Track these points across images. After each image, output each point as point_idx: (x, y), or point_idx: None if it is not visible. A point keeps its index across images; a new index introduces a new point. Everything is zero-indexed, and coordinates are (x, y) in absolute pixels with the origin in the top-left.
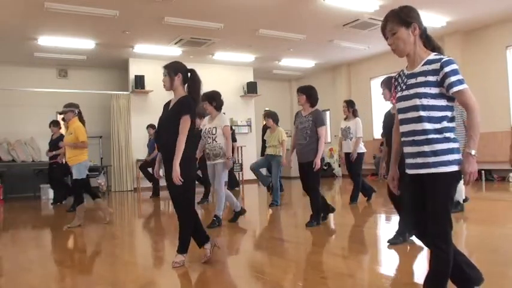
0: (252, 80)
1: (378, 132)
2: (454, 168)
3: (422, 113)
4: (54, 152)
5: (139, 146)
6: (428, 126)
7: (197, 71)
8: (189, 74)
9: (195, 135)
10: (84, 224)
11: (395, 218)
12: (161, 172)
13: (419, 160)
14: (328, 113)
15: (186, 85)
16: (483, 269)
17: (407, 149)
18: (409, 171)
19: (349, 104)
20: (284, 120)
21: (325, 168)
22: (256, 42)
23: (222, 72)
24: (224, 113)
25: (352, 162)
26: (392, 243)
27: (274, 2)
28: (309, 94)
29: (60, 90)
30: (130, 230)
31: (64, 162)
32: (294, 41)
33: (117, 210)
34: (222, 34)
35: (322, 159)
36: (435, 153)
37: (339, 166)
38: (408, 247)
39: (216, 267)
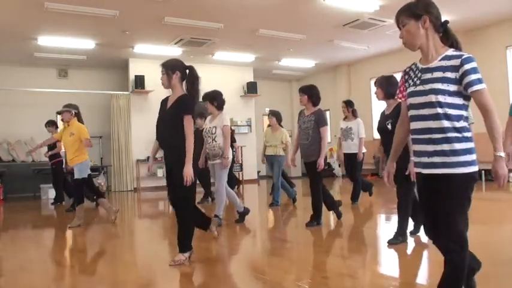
0: (252, 80)
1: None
2: (473, 169)
3: (440, 110)
4: (50, 152)
5: (139, 146)
6: (447, 124)
7: (197, 71)
8: (187, 71)
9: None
10: (84, 224)
11: (395, 218)
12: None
13: (436, 159)
14: (328, 113)
15: (185, 82)
16: (483, 269)
17: (420, 147)
18: (423, 171)
19: (348, 104)
20: (284, 121)
21: (326, 168)
22: (256, 42)
23: (222, 72)
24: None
25: (354, 162)
26: (392, 243)
27: (274, 2)
28: (310, 94)
29: (60, 90)
30: (131, 230)
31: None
32: (294, 41)
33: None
34: (222, 34)
35: (325, 159)
36: (455, 152)
37: (339, 166)
38: (408, 247)
39: (216, 267)
